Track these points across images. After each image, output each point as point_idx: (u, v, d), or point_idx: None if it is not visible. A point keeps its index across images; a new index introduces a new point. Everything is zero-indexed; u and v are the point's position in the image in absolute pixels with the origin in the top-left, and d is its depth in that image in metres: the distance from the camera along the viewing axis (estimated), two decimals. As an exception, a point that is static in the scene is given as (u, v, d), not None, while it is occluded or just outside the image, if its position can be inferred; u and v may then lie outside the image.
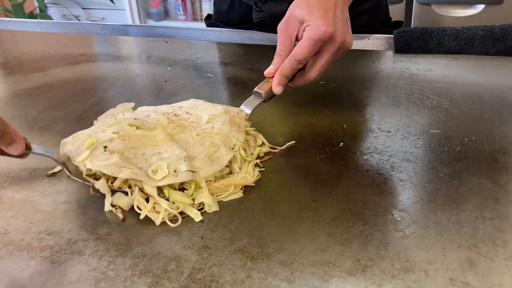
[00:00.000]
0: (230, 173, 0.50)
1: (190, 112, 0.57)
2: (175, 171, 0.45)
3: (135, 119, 0.53)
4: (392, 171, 0.50)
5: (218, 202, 0.46)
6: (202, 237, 0.41)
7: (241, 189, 0.48)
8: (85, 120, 0.65)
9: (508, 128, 0.58)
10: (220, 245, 0.40)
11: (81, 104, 0.72)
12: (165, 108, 0.59)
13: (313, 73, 0.56)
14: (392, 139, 0.57)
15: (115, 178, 0.46)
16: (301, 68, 0.57)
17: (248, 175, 0.49)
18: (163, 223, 0.43)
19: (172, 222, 0.43)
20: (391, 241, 0.40)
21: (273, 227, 0.42)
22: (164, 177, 0.45)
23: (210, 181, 0.48)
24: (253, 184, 0.49)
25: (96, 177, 0.48)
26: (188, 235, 0.42)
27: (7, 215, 0.46)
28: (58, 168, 0.53)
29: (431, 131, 0.58)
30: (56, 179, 0.51)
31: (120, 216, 0.44)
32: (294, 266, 0.38)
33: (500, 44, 0.82)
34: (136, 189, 0.45)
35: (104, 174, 0.46)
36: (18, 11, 2.94)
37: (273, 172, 0.51)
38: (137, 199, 0.45)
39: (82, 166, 0.46)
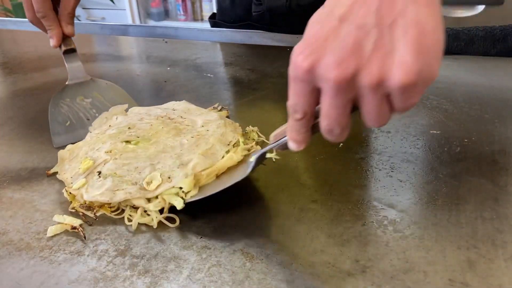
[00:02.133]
0: None
1: (184, 117, 0.57)
2: (169, 177, 0.45)
3: (129, 127, 0.53)
4: (391, 171, 0.50)
5: (217, 202, 0.46)
6: (201, 237, 0.41)
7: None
8: (84, 120, 0.65)
9: (508, 129, 0.58)
10: (219, 245, 0.40)
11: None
12: (158, 111, 0.59)
13: (321, 121, 0.33)
14: (391, 139, 0.57)
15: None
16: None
17: (234, 153, 0.48)
18: (163, 223, 0.43)
19: (171, 223, 0.43)
20: (391, 242, 0.40)
21: (272, 227, 0.42)
22: (158, 186, 0.45)
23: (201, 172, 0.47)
24: (235, 163, 0.47)
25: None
26: (187, 235, 0.42)
27: (6, 215, 0.46)
28: (56, 169, 0.53)
29: (431, 131, 0.58)
30: (55, 179, 0.51)
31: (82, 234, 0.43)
32: (294, 266, 0.37)
33: (500, 45, 0.82)
34: (127, 208, 0.45)
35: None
36: (18, 10, 2.94)
37: (272, 173, 0.51)
38: (127, 214, 0.45)
39: (78, 195, 0.46)
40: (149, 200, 0.45)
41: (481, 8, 1.87)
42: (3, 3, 3.19)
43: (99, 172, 0.47)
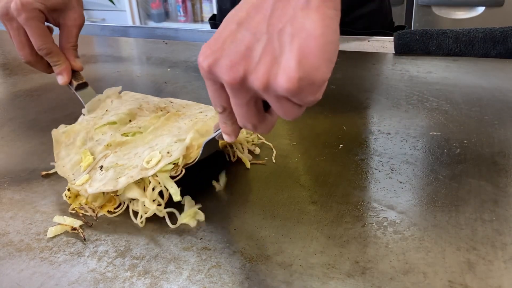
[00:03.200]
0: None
1: (183, 111, 0.57)
2: (168, 152, 0.45)
3: (130, 119, 0.54)
4: (391, 173, 0.50)
5: (217, 202, 0.46)
6: (201, 239, 0.41)
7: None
8: (85, 121, 0.65)
9: (507, 131, 0.58)
10: (219, 246, 0.40)
11: (80, 106, 0.72)
12: (155, 99, 0.59)
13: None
14: (391, 141, 0.57)
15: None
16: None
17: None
18: (162, 224, 0.43)
19: (172, 223, 0.43)
20: (390, 243, 0.40)
21: (272, 228, 0.42)
22: (158, 162, 0.44)
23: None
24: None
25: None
26: (187, 237, 0.42)
27: (6, 216, 0.46)
28: (54, 169, 0.53)
29: (431, 133, 0.58)
30: (55, 180, 0.51)
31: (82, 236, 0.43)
32: (293, 268, 0.38)
33: (500, 47, 0.82)
34: (129, 202, 0.45)
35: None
36: (18, 12, 2.94)
37: (272, 174, 0.51)
38: (132, 207, 0.45)
39: (82, 190, 0.46)
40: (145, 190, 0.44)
41: (481, 9, 1.87)
42: (4, 4, 3.19)
43: (101, 167, 0.47)
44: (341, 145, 0.56)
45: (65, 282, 0.37)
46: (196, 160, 0.45)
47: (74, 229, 0.43)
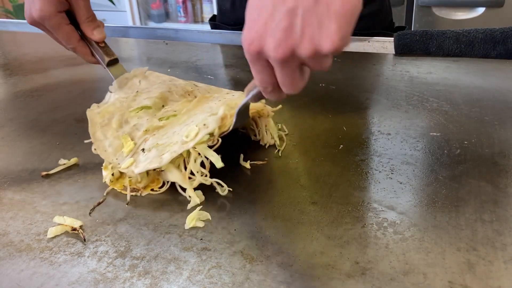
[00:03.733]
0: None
1: (209, 95, 0.60)
2: (204, 125, 0.48)
3: (163, 105, 0.57)
4: (391, 173, 0.50)
5: (217, 203, 0.46)
6: (201, 239, 0.41)
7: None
8: (85, 121, 0.65)
9: (508, 131, 0.58)
10: (219, 247, 0.40)
11: (81, 106, 0.72)
12: (182, 82, 0.62)
13: (281, 87, 0.40)
14: (392, 141, 0.57)
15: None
16: None
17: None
18: (162, 223, 0.43)
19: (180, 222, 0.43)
20: (390, 243, 0.40)
21: (272, 229, 0.42)
22: (196, 134, 0.47)
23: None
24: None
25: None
26: (187, 237, 0.42)
27: (7, 216, 0.46)
28: (55, 170, 0.53)
29: (431, 134, 0.58)
30: (55, 181, 0.51)
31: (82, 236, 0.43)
32: (293, 268, 0.38)
33: (500, 47, 0.82)
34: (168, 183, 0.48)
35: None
36: (19, 12, 2.95)
37: (272, 175, 0.51)
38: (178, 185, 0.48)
39: (129, 172, 0.48)
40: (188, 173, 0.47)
41: (481, 10, 1.87)
42: (4, 4, 3.20)
43: (143, 149, 0.49)
44: (341, 146, 0.56)
45: (65, 283, 0.37)
46: (231, 128, 0.48)
47: (74, 229, 0.43)
